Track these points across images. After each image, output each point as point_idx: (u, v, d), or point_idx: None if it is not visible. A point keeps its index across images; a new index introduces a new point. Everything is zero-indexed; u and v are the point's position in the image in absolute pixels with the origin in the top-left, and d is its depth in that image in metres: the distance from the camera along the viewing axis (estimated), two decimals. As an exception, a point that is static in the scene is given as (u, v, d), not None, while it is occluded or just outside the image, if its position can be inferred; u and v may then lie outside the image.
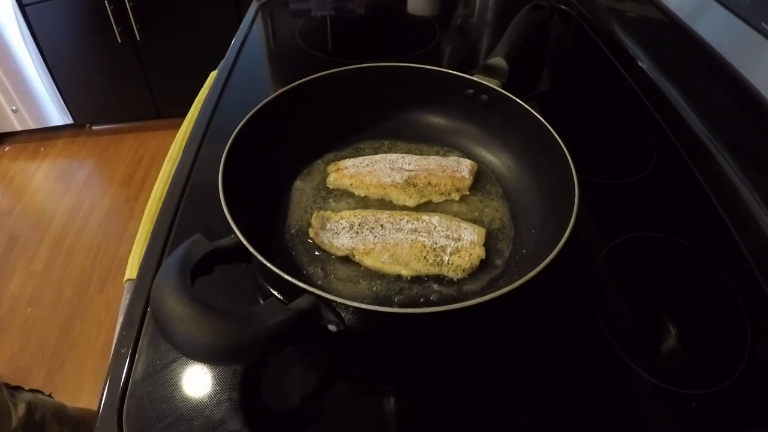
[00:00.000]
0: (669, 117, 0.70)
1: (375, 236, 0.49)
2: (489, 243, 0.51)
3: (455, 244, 0.49)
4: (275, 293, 0.42)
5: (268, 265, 0.38)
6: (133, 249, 0.59)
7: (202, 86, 0.84)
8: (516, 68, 0.63)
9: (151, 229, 0.55)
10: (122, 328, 0.46)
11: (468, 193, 0.56)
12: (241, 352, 0.34)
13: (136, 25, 1.74)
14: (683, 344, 0.46)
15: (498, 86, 0.58)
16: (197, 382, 0.42)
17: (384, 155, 0.59)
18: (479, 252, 0.48)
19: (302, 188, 0.57)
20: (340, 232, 0.50)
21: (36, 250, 1.66)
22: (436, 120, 0.64)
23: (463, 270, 0.48)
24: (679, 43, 0.72)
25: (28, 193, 1.87)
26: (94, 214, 1.78)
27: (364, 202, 0.56)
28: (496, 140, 0.61)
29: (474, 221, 0.53)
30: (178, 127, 0.77)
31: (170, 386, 0.42)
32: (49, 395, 1.04)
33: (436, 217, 0.51)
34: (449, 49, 0.91)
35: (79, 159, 2.02)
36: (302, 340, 0.45)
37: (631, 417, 0.41)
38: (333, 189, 0.57)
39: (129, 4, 1.68)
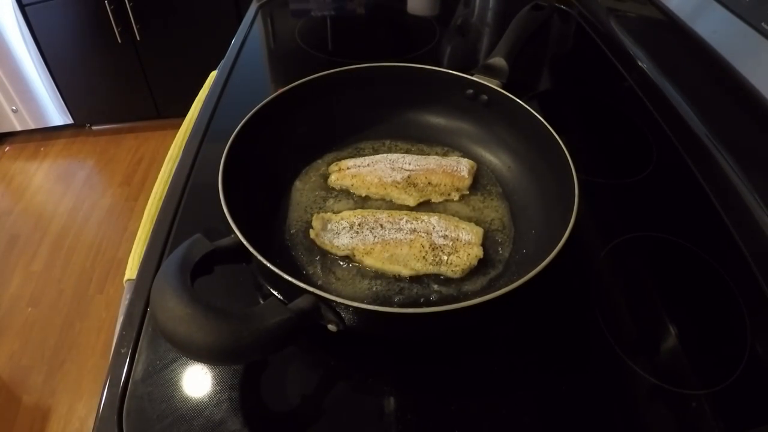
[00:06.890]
0: (669, 117, 0.70)
1: (375, 236, 0.49)
2: (489, 243, 0.51)
3: (453, 243, 0.49)
4: (275, 293, 0.42)
5: (268, 265, 0.38)
6: (133, 249, 0.59)
7: (202, 86, 0.84)
8: (516, 68, 0.63)
9: (151, 229, 0.55)
10: (122, 328, 0.46)
11: (468, 192, 0.56)
12: (241, 352, 0.34)
13: (136, 25, 1.74)
14: (683, 344, 0.46)
15: (498, 86, 0.58)
16: (197, 382, 0.42)
17: (384, 155, 0.59)
18: (477, 251, 0.48)
19: (302, 188, 0.57)
20: (340, 232, 0.50)
21: (36, 250, 1.66)
22: (436, 120, 0.64)
23: (462, 269, 0.48)
24: (679, 43, 0.72)
25: (28, 193, 1.87)
26: (94, 214, 1.78)
27: (365, 202, 0.56)
28: (496, 140, 0.61)
29: (474, 221, 0.53)
30: (178, 127, 0.78)
31: (170, 386, 0.42)
32: None
33: (435, 217, 0.51)
34: (449, 49, 0.91)
35: (79, 159, 2.02)
36: (302, 340, 0.45)
37: (631, 417, 0.41)
38: (333, 189, 0.57)
39: (129, 4, 1.69)
